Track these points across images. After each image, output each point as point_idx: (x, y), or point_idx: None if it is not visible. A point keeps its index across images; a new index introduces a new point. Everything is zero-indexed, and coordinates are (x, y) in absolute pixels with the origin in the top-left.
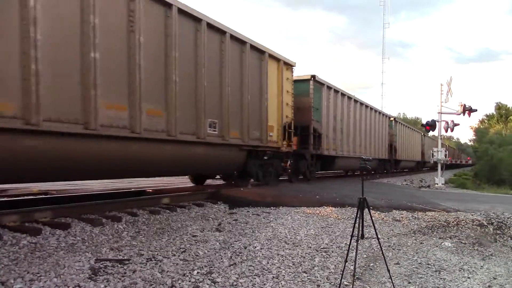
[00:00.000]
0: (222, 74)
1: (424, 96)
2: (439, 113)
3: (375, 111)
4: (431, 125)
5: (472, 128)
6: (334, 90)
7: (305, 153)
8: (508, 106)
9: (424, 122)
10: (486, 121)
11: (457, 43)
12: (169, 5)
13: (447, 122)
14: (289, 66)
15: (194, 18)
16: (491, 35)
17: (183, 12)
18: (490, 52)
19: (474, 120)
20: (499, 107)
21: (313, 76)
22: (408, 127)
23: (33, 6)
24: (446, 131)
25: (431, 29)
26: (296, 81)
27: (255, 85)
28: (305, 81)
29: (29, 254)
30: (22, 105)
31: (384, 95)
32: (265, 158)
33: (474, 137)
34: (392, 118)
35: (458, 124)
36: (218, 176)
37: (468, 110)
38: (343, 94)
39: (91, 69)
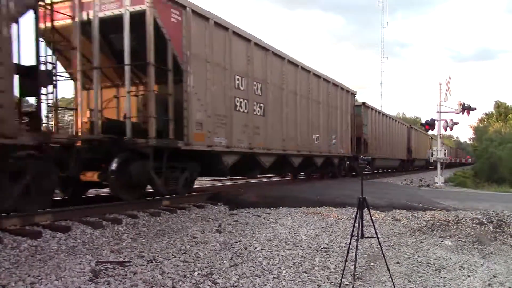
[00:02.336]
0: None
1: (423, 95)
2: (438, 112)
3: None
4: (431, 124)
5: (471, 126)
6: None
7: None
8: (507, 104)
9: (423, 121)
10: (485, 119)
11: (455, 42)
12: None
13: (446, 121)
14: None
15: None
16: (489, 33)
17: None
18: (489, 51)
19: (473, 118)
20: (498, 105)
21: None
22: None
23: None
24: (446, 130)
25: (429, 28)
26: None
27: None
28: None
29: (30, 257)
30: None
31: (383, 95)
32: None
33: (474, 136)
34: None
35: (457, 123)
36: None
37: (467, 108)
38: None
39: None
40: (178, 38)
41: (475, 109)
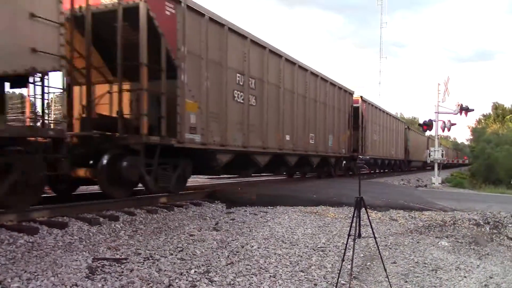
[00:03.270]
0: None
1: (421, 95)
2: (436, 112)
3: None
4: (428, 125)
5: (469, 127)
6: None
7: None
8: (504, 106)
9: (421, 121)
10: (483, 120)
11: (454, 43)
12: None
13: (444, 122)
14: None
15: None
16: (487, 34)
17: None
18: (486, 52)
19: (471, 119)
20: (496, 107)
21: None
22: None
23: None
24: (443, 130)
25: (427, 28)
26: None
27: None
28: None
29: (26, 253)
30: None
31: (382, 95)
32: None
33: (471, 137)
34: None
35: (455, 124)
36: None
37: (465, 109)
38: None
39: None
40: (361, 117)
41: (473, 110)
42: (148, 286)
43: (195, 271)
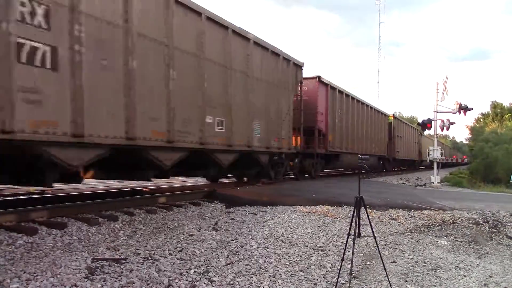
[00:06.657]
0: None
1: (420, 95)
2: (435, 111)
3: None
4: (427, 124)
5: (467, 127)
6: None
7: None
8: (503, 104)
9: (420, 120)
10: (481, 119)
11: (451, 42)
12: None
13: (443, 121)
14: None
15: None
16: (485, 33)
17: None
18: (484, 51)
19: (470, 118)
20: (495, 105)
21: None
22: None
23: None
24: (442, 129)
25: (424, 27)
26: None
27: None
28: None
29: (26, 253)
30: None
31: (380, 94)
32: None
33: (470, 136)
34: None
35: (454, 123)
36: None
37: (463, 108)
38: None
39: None
40: (393, 129)
41: (471, 109)
42: (148, 286)
43: (194, 271)
